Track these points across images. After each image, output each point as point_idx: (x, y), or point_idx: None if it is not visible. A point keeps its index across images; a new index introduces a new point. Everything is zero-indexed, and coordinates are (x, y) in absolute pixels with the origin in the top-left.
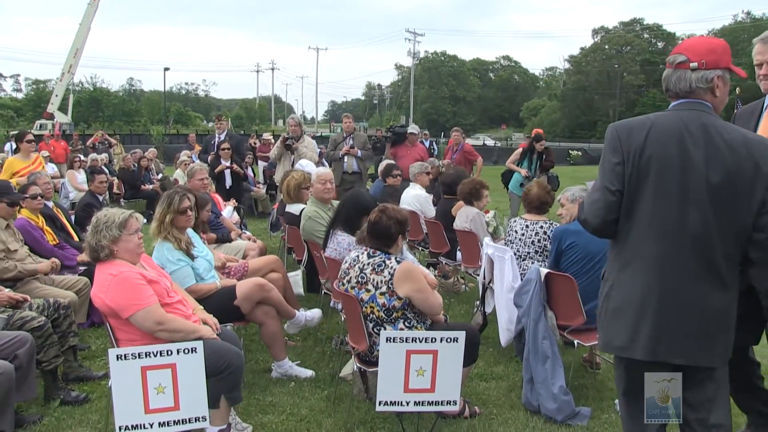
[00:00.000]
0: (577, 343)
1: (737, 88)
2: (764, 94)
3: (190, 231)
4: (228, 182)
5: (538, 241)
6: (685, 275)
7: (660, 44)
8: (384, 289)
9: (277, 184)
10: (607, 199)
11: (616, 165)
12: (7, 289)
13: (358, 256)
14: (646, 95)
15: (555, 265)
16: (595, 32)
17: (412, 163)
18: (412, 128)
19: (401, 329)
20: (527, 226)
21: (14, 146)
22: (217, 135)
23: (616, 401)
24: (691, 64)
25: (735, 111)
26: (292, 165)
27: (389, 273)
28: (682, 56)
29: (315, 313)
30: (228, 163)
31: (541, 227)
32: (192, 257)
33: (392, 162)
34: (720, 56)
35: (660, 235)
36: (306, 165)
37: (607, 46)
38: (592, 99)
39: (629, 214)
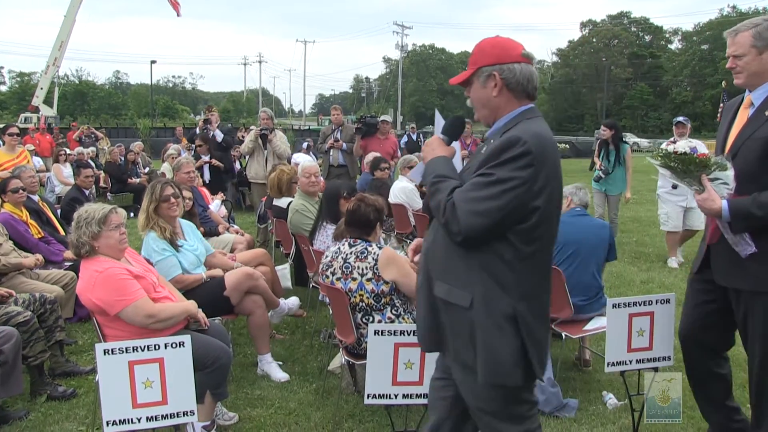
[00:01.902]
0: (565, 335)
1: (723, 81)
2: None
3: (188, 225)
4: (206, 177)
5: None
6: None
7: (647, 37)
8: (370, 275)
9: (250, 180)
10: (495, 218)
11: (522, 184)
12: None
13: (339, 248)
14: (634, 88)
15: None
16: (582, 25)
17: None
18: (385, 117)
19: (389, 318)
20: None
21: (2, 142)
22: (212, 129)
23: (604, 393)
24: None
25: (721, 104)
26: (266, 160)
27: (373, 258)
28: (534, 54)
29: (294, 301)
30: (207, 158)
31: None
32: (176, 247)
33: (379, 155)
34: None
35: (550, 259)
36: (299, 158)
37: (594, 40)
38: (580, 92)
39: (535, 236)
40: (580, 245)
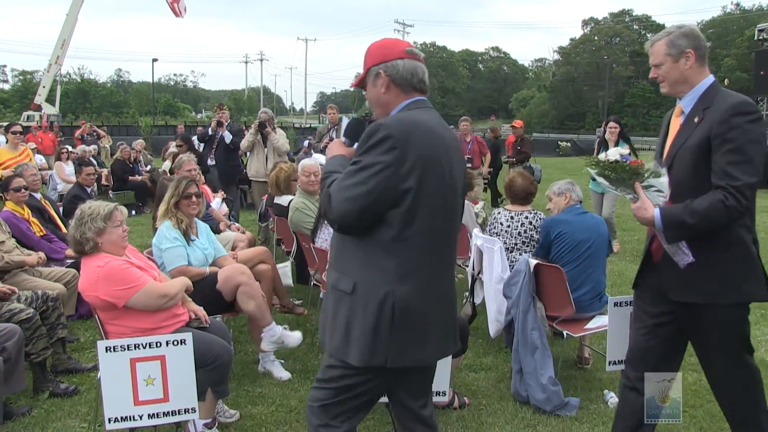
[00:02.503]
0: (566, 333)
1: (726, 80)
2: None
3: (204, 227)
4: None
5: (524, 231)
6: (451, 276)
7: (649, 35)
8: None
9: (251, 178)
10: (365, 201)
11: (387, 167)
12: None
13: None
14: (636, 86)
15: (546, 255)
16: (584, 23)
17: None
18: None
19: None
20: (512, 218)
21: (6, 140)
22: (221, 130)
23: (605, 392)
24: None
25: None
26: (266, 158)
27: None
28: (420, 52)
29: (296, 337)
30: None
31: (527, 218)
32: (188, 239)
33: None
34: None
35: (434, 243)
36: (320, 158)
37: (596, 37)
38: (582, 90)
39: (406, 221)
40: (591, 243)
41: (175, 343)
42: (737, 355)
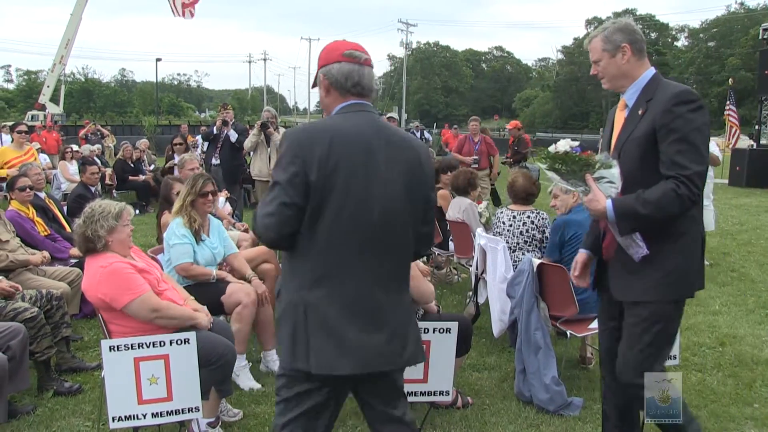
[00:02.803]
0: (570, 333)
1: (730, 79)
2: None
3: (217, 224)
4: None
5: (527, 231)
6: (376, 284)
7: (653, 35)
8: None
9: (254, 177)
10: (283, 214)
11: (295, 176)
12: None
13: None
14: None
15: (558, 254)
16: (588, 22)
17: None
18: (392, 114)
19: None
20: (514, 217)
21: (11, 139)
22: (226, 129)
23: None
24: (372, 64)
25: (728, 102)
26: (269, 157)
27: None
28: (364, 55)
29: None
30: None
31: (528, 217)
32: (198, 239)
33: None
34: None
35: (349, 248)
36: None
37: None
38: (585, 89)
39: (314, 227)
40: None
41: (179, 342)
42: (655, 353)
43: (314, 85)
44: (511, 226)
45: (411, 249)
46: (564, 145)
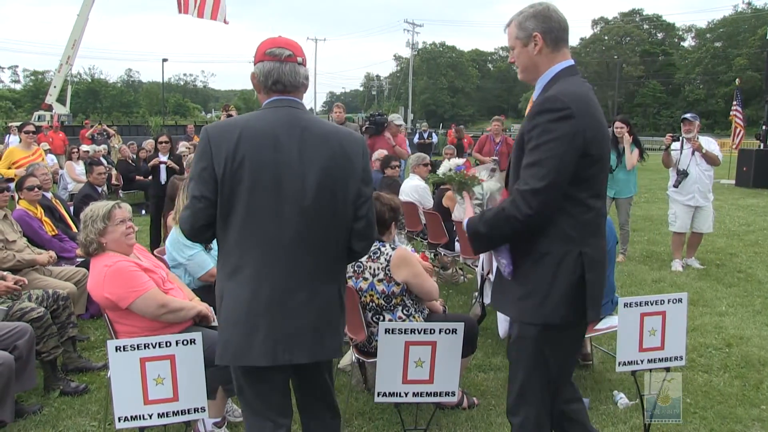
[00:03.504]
0: None
1: (737, 79)
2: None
3: None
4: (163, 177)
5: None
6: (291, 277)
7: (660, 35)
8: (381, 275)
9: None
10: (194, 207)
11: (203, 171)
12: (6, 272)
13: None
14: (645, 86)
15: None
16: (594, 23)
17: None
18: (395, 118)
19: (400, 317)
20: None
21: (19, 139)
22: None
23: (615, 392)
24: (298, 59)
25: (734, 102)
26: None
27: (385, 259)
28: (287, 51)
29: None
30: (165, 158)
31: None
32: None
33: (389, 153)
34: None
35: (261, 241)
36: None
37: (606, 37)
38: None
39: (227, 220)
40: (610, 246)
41: (185, 342)
42: (522, 377)
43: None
44: None
45: (340, 244)
46: (447, 166)
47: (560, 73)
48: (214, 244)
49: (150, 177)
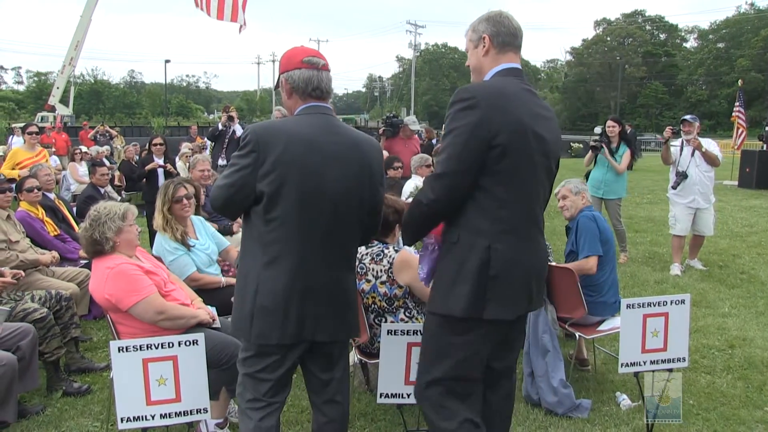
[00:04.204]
0: (579, 335)
1: (740, 80)
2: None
3: (198, 221)
4: (161, 181)
5: None
6: (323, 267)
7: (662, 36)
8: (384, 278)
9: None
10: (228, 192)
11: (247, 166)
12: (4, 268)
13: None
14: (648, 87)
15: (600, 247)
16: (596, 24)
17: (412, 157)
18: (410, 120)
19: (402, 319)
20: None
21: (23, 140)
22: (231, 127)
23: (617, 393)
24: (329, 69)
25: (737, 103)
26: None
27: (388, 262)
28: (322, 60)
29: None
30: (161, 161)
31: None
32: (187, 246)
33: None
34: None
35: (301, 236)
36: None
37: (608, 38)
38: (594, 91)
39: (268, 216)
40: (611, 243)
41: (188, 343)
42: (426, 364)
43: (276, 87)
44: None
45: (357, 238)
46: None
47: (499, 72)
48: (198, 246)
49: (144, 180)
